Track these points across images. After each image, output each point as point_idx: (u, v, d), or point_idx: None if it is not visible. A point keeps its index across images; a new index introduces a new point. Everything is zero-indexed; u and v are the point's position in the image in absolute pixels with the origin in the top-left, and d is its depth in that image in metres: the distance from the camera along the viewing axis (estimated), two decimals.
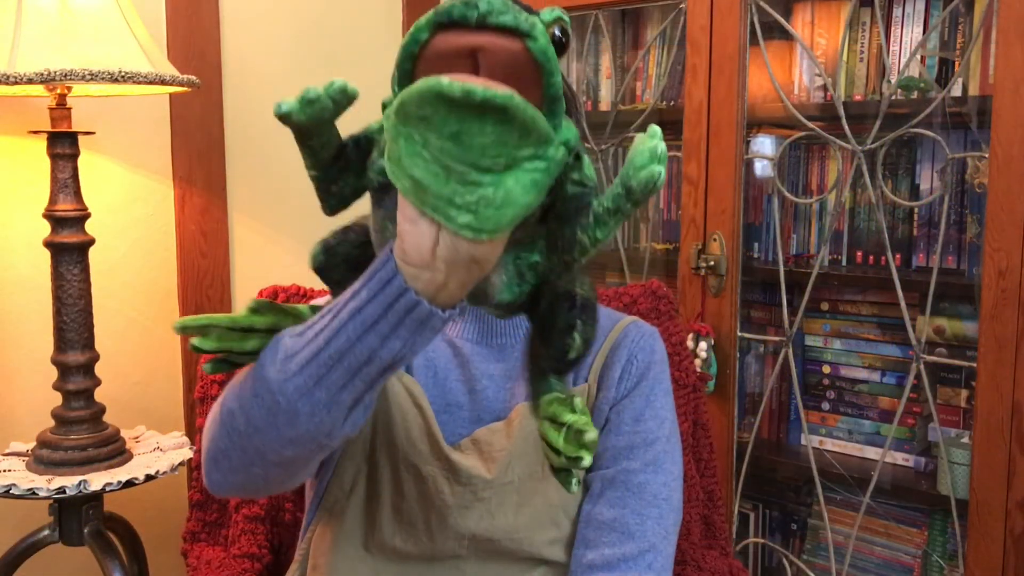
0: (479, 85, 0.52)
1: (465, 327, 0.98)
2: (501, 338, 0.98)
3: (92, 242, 1.45)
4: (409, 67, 0.58)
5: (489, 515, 0.93)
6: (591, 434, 0.65)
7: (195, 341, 0.70)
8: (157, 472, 1.45)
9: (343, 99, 0.66)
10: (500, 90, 0.53)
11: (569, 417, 0.66)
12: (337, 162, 0.73)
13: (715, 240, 1.79)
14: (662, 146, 0.61)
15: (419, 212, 0.58)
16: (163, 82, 1.38)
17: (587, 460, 0.65)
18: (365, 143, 0.73)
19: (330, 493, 0.94)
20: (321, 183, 0.74)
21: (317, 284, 1.26)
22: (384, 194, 0.69)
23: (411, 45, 0.58)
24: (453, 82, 0.52)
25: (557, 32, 0.60)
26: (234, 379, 0.74)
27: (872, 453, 1.82)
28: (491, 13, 0.55)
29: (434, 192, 0.56)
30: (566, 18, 0.61)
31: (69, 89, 1.41)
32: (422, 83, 0.53)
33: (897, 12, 1.72)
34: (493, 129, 0.54)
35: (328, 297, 0.91)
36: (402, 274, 0.62)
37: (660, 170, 0.60)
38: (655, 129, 0.63)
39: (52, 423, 1.47)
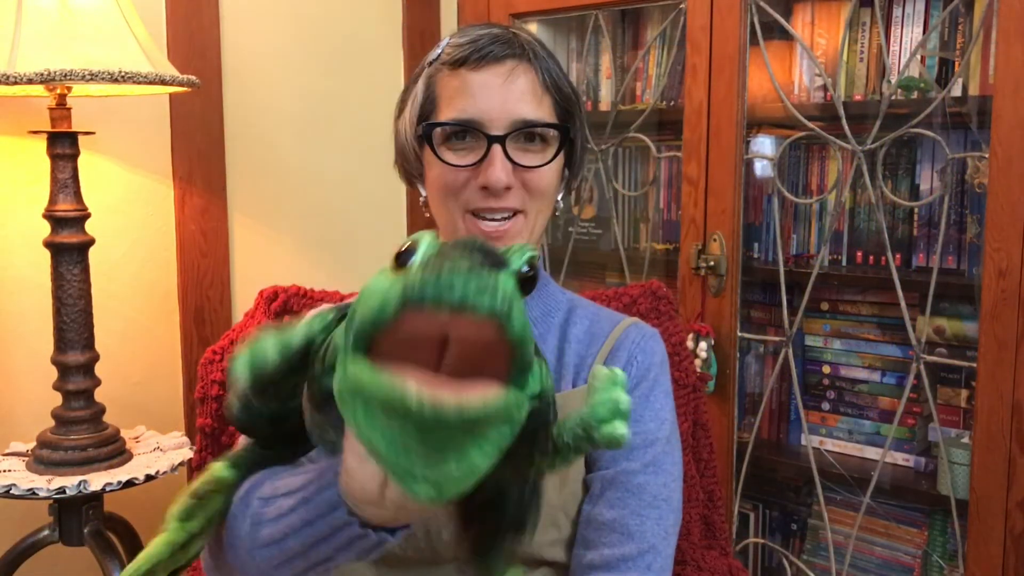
0: (451, 400, 0.49)
1: None
2: None
3: (92, 242, 1.45)
4: (371, 332, 0.53)
5: None
6: None
7: None
8: (157, 472, 1.45)
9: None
10: (473, 405, 0.50)
11: None
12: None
13: (715, 240, 1.79)
14: (624, 399, 0.59)
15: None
16: (163, 82, 1.38)
17: None
18: (298, 358, 0.67)
19: None
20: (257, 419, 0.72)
21: (317, 284, 1.27)
22: (326, 403, 0.64)
23: (378, 315, 0.52)
24: (422, 402, 0.49)
25: (526, 269, 0.56)
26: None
27: (872, 453, 1.82)
28: (467, 298, 0.50)
29: (392, 462, 0.53)
30: (535, 253, 0.58)
31: (69, 89, 1.41)
32: (388, 388, 0.50)
33: (897, 12, 1.72)
34: (461, 431, 0.52)
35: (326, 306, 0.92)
36: (347, 504, 0.64)
37: (623, 432, 0.59)
38: (618, 375, 0.61)
39: (52, 423, 1.47)
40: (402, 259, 0.54)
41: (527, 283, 0.56)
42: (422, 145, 0.95)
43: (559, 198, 0.99)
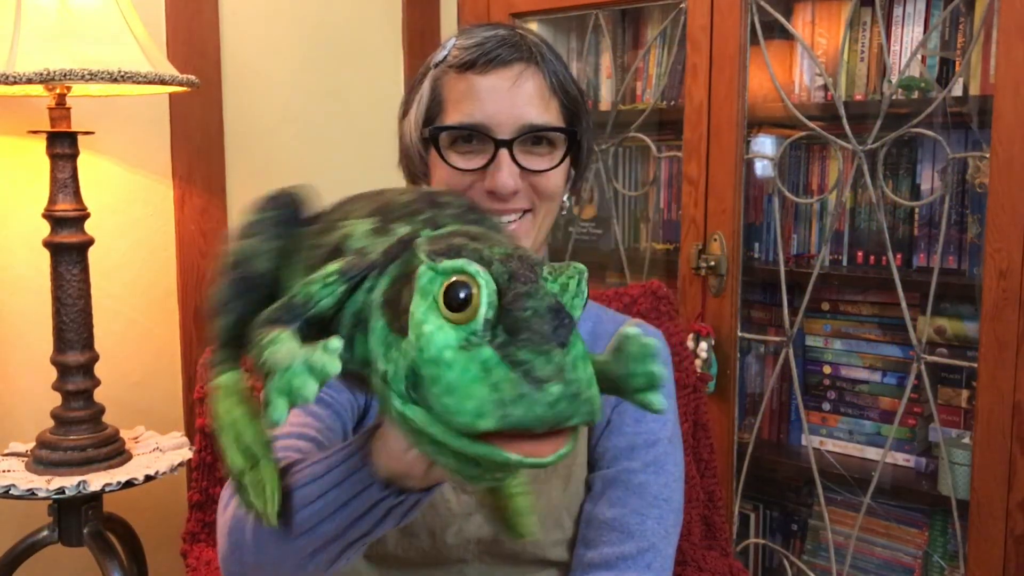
0: (530, 460, 0.50)
1: None
2: None
3: (91, 242, 1.45)
4: (452, 431, 0.51)
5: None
6: None
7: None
8: (157, 473, 1.45)
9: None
10: (547, 460, 0.51)
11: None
12: None
13: (715, 240, 1.78)
14: (661, 372, 0.58)
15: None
16: (163, 82, 1.37)
17: None
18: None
19: None
20: None
21: None
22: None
23: (466, 426, 0.50)
24: (509, 462, 0.50)
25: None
26: (234, 507, 0.74)
27: (873, 453, 1.82)
28: (563, 421, 0.50)
29: (446, 464, 0.54)
30: (583, 278, 0.55)
31: (68, 89, 1.41)
32: (483, 451, 0.50)
33: (898, 12, 1.72)
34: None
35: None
36: (380, 479, 0.64)
37: (662, 403, 0.57)
38: (650, 345, 0.58)
39: (51, 423, 1.47)
40: (456, 301, 0.52)
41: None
42: (427, 147, 0.95)
43: (564, 198, 0.99)
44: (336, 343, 0.52)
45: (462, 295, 0.51)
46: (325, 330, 0.60)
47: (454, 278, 0.52)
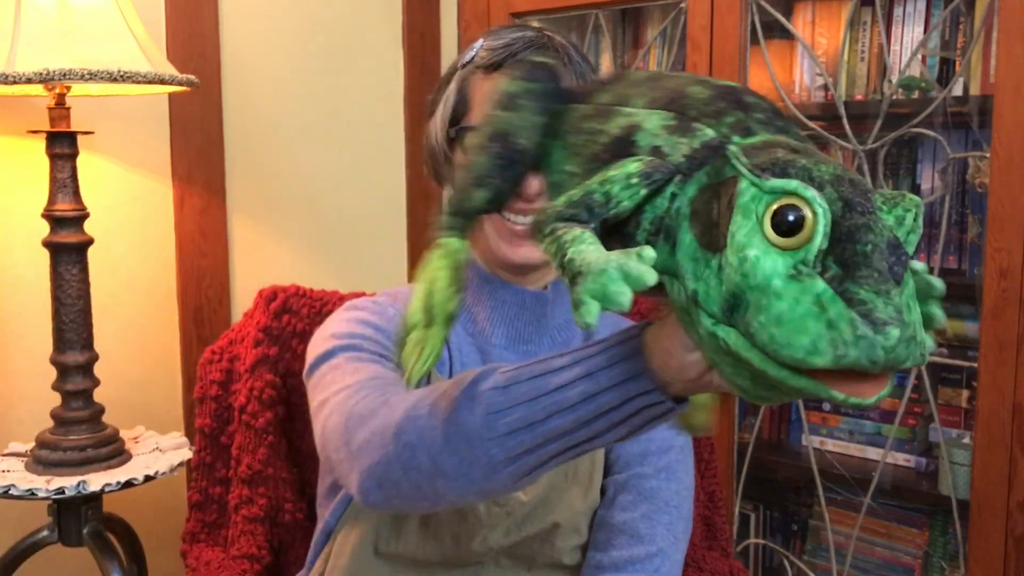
0: (857, 401, 0.49)
1: (494, 332, 0.98)
2: (528, 344, 0.98)
3: (91, 242, 1.45)
4: (785, 366, 0.49)
5: (516, 529, 0.93)
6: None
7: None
8: (156, 473, 1.44)
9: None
10: (869, 402, 0.49)
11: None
12: None
13: None
14: (938, 314, 0.57)
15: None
16: (162, 82, 1.37)
17: None
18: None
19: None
20: None
21: (317, 284, 1.26)
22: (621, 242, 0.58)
23: (801, 361, 0.48)
24: (836, 397, 0.48)
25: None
26: (411, 408, 0.70)
27: (873, 453, 1.82)
28: (898, 363, 0.48)
29: (738, 383, 0.53)
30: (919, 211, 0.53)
31: (68, 89, 1.41)
32: (805, 385, 0.49)
33: (898, 11, 1.72)
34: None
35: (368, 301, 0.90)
36: (654, 371, 0.59)
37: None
38: (938, 288, 0.57)
39: (51, 423, 1.47)
40: (785, 225, 0.49)
41: None
42: (453, 147, 0.95)
43: None
44: (651, 253, 0.50)
45: (792, 219, 0.48)
46: (617, 230, 0.58)
47: (783, 200, 0.49)
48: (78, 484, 1.37)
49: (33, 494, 1.36)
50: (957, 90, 1.65)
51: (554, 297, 0.99)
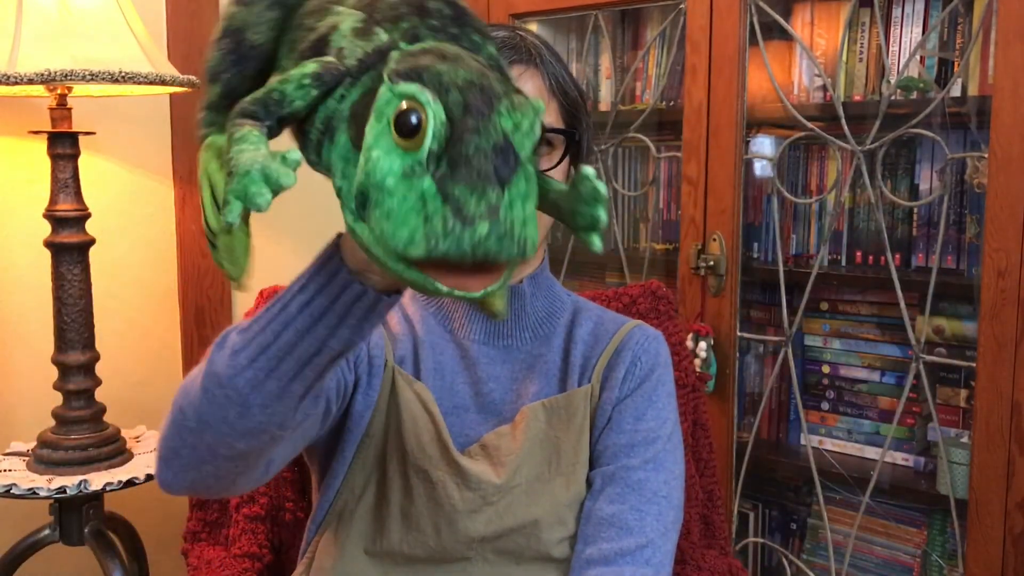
0: (463, 292, 0.53)
1: (472, 328, 0.98)
2: (507, 339, 0.99)
3: (92, 242, 1.45)
4: (390, 253, 0.54)
5: (498, 518, 0.93)
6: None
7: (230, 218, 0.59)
8: None
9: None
10: (475, 294, 0.53)
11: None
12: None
13: (715, 240, 1.79)
14: (602, 216, 0.59)
15: None
16: (163, 82, 1.38)
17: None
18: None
19: (340, 497, 0.95)
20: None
21: None
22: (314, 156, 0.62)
23: (402, 250, 0.52)
24: (442, 290, 0.52)
25: (537, 146, 0.56)
26: (184, 381, 0.75)
27: (872, 453, 1.82)
28: (491, 256, 0.52)
29: (392, 276, 0.56)
30: (540, 116, 0.56)
31: (69, 89, 1.41)
32: (416, 279, 0.53)
33: (897, 12, 1.72)
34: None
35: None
36: (348, 267, 0.63)
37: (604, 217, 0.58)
38: (602, 192, 0.59)
39: (52, 423, 1.47)
40: (407, 127, 0.52)
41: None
42: None
43: None
44: (295, 155, 0.53)
45: (413, 121, 0.51)
46: (301, 126, 0.61)
47: (405, 104, 0.52)
48: (79, 483, 1.38)
49: (35, 493, 1.37)
50: (955, 91, 1.66)
51: (531, 291, 0.99)
